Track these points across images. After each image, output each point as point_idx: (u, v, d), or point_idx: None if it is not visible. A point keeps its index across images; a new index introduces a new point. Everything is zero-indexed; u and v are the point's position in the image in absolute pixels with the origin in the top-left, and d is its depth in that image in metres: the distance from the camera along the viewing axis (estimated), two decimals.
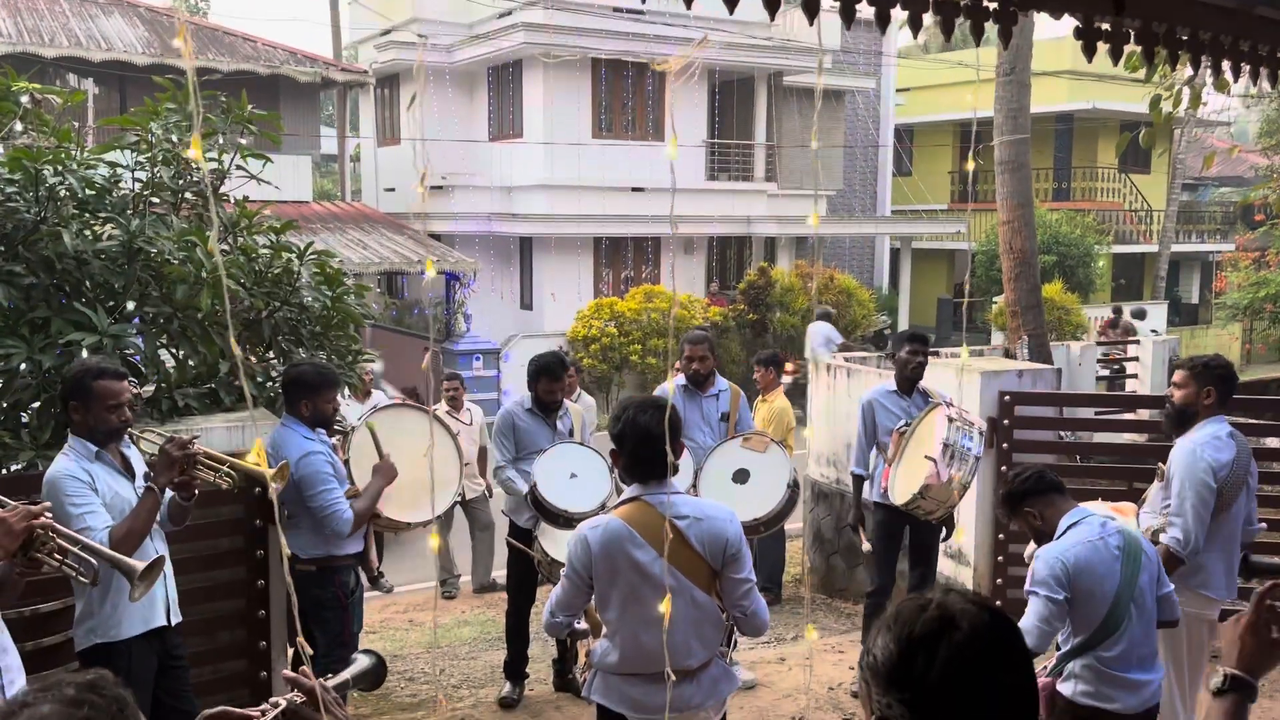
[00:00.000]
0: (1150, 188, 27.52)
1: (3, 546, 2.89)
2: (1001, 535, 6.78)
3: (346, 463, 4.71)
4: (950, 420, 5.13)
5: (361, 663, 1.87)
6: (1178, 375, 4.44)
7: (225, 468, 3.86)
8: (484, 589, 8.52)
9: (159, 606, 3.82)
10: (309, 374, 4.65)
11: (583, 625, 3.55)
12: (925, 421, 5.42)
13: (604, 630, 3.36)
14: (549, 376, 5.59)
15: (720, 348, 17.72)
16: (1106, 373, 12.07)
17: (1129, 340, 13.40)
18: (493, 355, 16.65)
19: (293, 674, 1.71)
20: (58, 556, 3.06)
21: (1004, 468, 6.67)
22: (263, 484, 4.76)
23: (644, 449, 3.25)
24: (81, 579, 3.18)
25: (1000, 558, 6.79)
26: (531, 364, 5.69)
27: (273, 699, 1.70)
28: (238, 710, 1.68)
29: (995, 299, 18.76)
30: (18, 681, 3.08)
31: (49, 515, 3.02)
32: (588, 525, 3.35)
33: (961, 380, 6.61)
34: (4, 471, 4.51)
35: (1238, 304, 20.49)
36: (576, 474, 5.18)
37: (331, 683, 1.77)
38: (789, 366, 9.52)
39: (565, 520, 5.06)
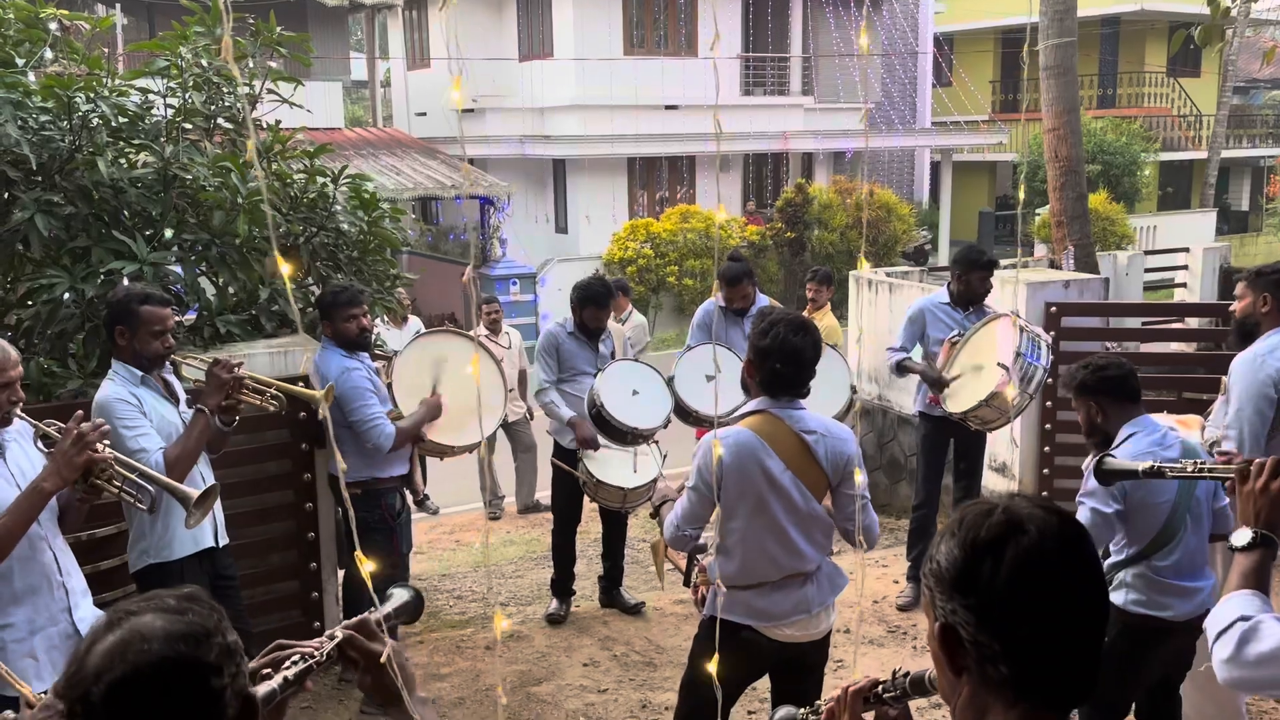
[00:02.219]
0: (1200, 92, 26.67)
1: (63, 476, 2.93)
2: (1047, 448, 6.72)
3: (390, 386, 4.73)
4: (1022, 330, 5.02)
5: (400, 597, 1.87)
6: (1238, 288, 4.31)
7: (272, 391, 3.88)
8: (528, 509, 8.62)
9: (207, 528, 3.89)
10: (322, 296, 4.72)
11: (704, 540, 3.58)
12: (985, 330, 5.30)
13: (719, 544, 3.40)
14: (595, 305, 5.57)
15: (758, 267, 17.57)
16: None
17: None
18: (529, 279, 16.62)
19: (331, 630, 1.74)
20: (116, 484, 3.11)
21: (1049, 380, 6.57)
22: (309, 408, 4.81)
23: (789, 368, 3.34)
24: (139, 506, 3.23)
25: (1046, 470, 6.74)
26: (578, 290, 5.65)
27: (328, 632, 1.73)
28: (292, 643, 1.70)
29: (1039, 210, 18.39)
30: (82, 604, 3.15)
31: (106, 444, 3.05)
32: (715, 435, 3.39)
33: (1014, 291, 6.49)
34: (53, 400, 4.57)
35: None
36: (638, 391, 5.23)
37: (376, 615, 1.79)
38: None
39: (632, 437, 5.14)
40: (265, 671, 1.62)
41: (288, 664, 1.64)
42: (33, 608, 2.98)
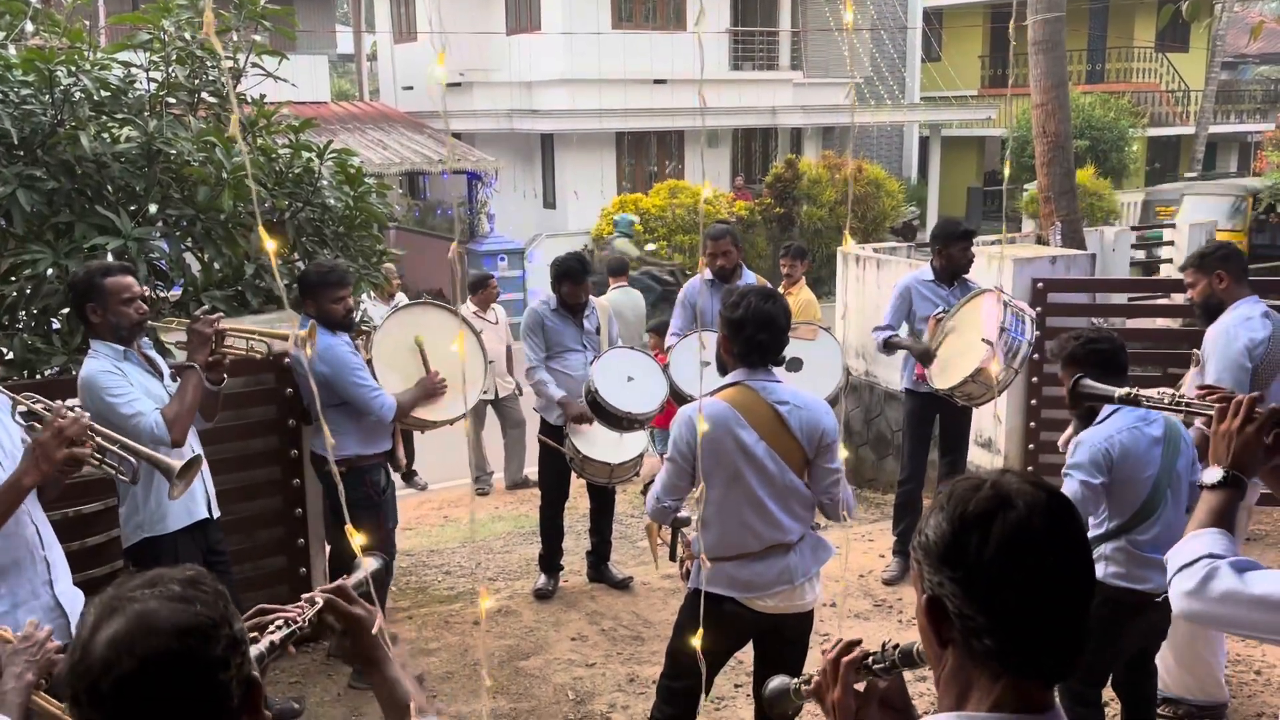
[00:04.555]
0: (1188, 67, 26.66)
1: (41, 470, 2.88)
2: (1033, 423, 6.76)
3: (369, 362, 4.70)
4: (1005, 305, 5.04)
5: (369, 565, 1.89)
6: (1185, 276, 4.38)
7: (255, 337, 3.88)
8: (516, 485, 8.63)
9: (200, 499, 3.90)
10: (309, 274, 4.62)
11: (685, 513, 3.61)
12: (970, 306, 5.32)
13: (702, 517, 3.44)
14: (571, 281, 5.59)
15: (746, 242, 17.55)
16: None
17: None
18: (517, 255, 16.56)
19: (309, 594, 1.74)
20: (98, 457, 3.09)
21: (1035, 355, 6.60)
22: (295, 385, 4.81)
23: (763, 334, 3.37)
24: (121, 477, 3.23)
25: (1031, 445, 6.77)
26: (554, 267, 5.69)
27: (307, 596, 1.73)
28: (274, 607, 1.71)
29: (1027, 186, 18.39)
30: (62, 578, 3.15)
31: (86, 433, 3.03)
32: (692, 407, 3.45)
33: (1000, 267, 6.51)
34: (37, 377, 4.55)
35: (1278, 185, 20.00)
36: (633, 377, 5.28)
37: (350, 581, 1.80)
38: None
39: (627, 422, 5.17)
40: (251, 636, 1.63)
41: (271, 628, 1.65)
42: (15, 582, 2.96)
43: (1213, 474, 2.09)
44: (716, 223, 6.20)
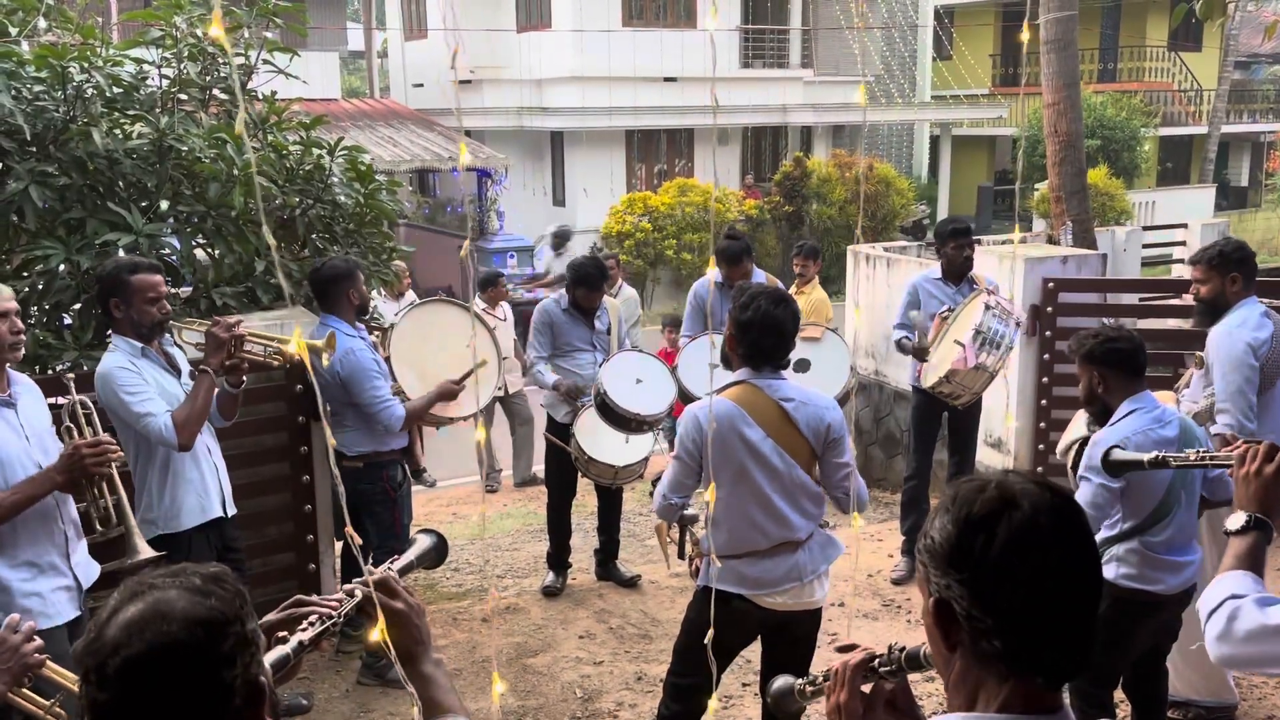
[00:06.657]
0: (1201, 66, 26.53)
1: (72, 476, 3.13)
2: (1043, 424, 6.74)
3: (388, 359, 4.73)
4: (988, 308, 5.07)
5: (423, 543, 1.89)
6: (1197, 271, 4.34)
7: (273, 345, 3.90)
8: (525, 483, 8.64)
9: (214, 498, 3.91)
10: (340, 264, 4.65)
11: (692, 510, 3.62)
12: (968, 308, 5.37)
13: (711, 515, 3.44)
14: (588, 286, 5.61)
15: (755, 241, 17.52)
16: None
17: None
18: (526, 252, 16.56)
19: (350, 585, 1.74)
20: (101, 501, 3.40)
21: (1045, 355, 6.59)
22: (306, 381, 4.82)
23: (769, 340, 3.40)
24: (98, 524, 3.45)
25: (1041, 446, 6.75)
26: (571, 270, 5.70)
27: (346, 587, 1.73)
28: (312, 600, 1.71)
29: (1037, 185, 18.33)
30: (79, 548, 3.31)
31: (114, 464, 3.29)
32: (698, 406, 3.47)
33: (1012, 266, 6.49)
34: (49, 372, 4.57)
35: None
36: (642, 379, 5.30)
37: (397, 565, 1.80)
38: None
39: (636, 424, 5.18)
40: (281, 635, 1.63)
41: (304, 625, 1.65)
42: (36, 553, 3.11)
43: (1237, 519, 2.10)
44: (727, 237, 6.15)
